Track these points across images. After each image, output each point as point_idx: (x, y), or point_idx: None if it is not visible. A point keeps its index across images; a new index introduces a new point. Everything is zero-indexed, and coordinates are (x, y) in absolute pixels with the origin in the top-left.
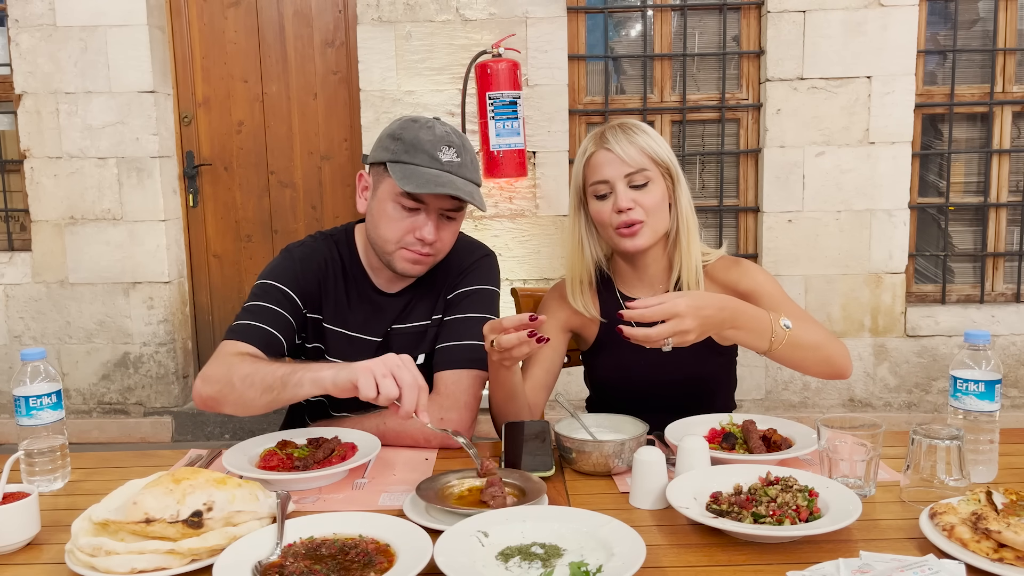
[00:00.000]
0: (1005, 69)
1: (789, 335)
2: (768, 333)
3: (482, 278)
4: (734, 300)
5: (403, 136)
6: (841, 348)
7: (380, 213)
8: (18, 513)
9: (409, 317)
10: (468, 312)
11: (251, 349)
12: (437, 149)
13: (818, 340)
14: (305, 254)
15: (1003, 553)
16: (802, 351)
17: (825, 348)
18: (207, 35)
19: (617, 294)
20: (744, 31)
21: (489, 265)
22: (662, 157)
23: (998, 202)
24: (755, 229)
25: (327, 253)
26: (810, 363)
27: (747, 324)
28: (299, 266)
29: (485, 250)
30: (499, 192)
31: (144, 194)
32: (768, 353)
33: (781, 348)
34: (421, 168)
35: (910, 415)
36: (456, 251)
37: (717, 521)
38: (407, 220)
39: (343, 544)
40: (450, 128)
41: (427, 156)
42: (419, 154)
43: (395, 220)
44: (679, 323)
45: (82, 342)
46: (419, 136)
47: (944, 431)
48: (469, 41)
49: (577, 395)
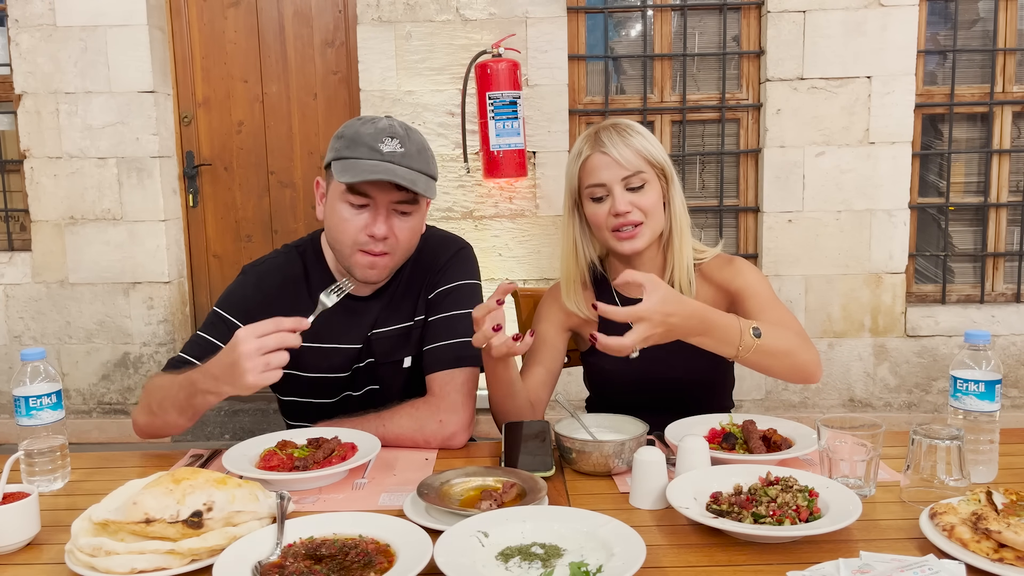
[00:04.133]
0: (1005, 69)
1: (757, 344)
2: (736, 342)
3: (460, 273)
4: (704, 309)
5: (345, 133)
6: (811, 355)
7: (332, 215)
8: (18, 513)
9: (389, 320)
10: (452, 310)
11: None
12: (378, 141)
13: (788, 347)
14: (260, 277)
15: (1003, 553)
16: (769, 358)
17: (794, 355)
18: (207, 35)
19: (613, 292)
20: (744, 31)
21: (466, 258)
22: (657, 158)
23: (998, 202)
24: (755, 229)
25: (288, 268)
26: (776, 369)
27: (715, 333)
28: (251, 292)
29: (460, 243)
30: (499, 192)
31: (144, 194)
32: (735, 358)
33: (748, 355)
34: (361, 160)
35: (910, 415)
36: (430, 248)
37: (717, 521)
38: (357, 218)
39: (343, 544)
40: (397, 123)
41: (367, 148)
42: (359, 147)
43: (345, 220)
44: (645, 328)
45: (82, 342)
46: (359, 131)
47: (944, 431)
48: (469, 41)
49: (577, 395)
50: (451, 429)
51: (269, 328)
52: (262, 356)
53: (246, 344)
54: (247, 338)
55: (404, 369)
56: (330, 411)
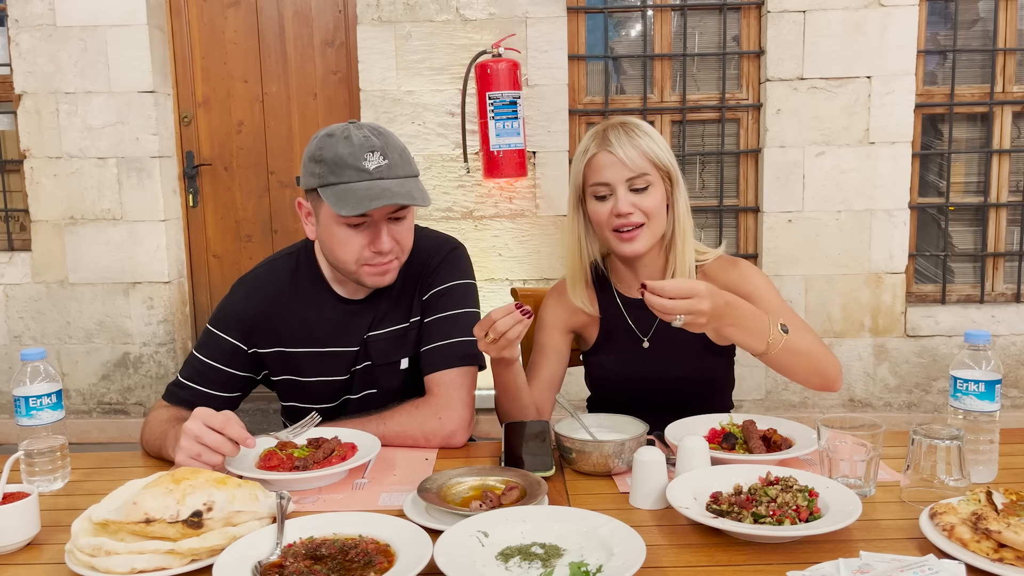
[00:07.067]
0: (1005, 69)
1: (786, 339)
2: (766, 335)
3: (454, 273)
4: (740, 300)
5: (324, 157)
6: (833, 360)
7: (330, 239)
8: (18, 513)
9: (384, 322)
10: (447, 310)
11: (176, 412)
12: (361, 159)
13: (813, 349)
14: (248, 291)
15: (1003, 553)
16: (795, 357)
17: (818, 358)
18: (207, 35)
19: (614, 292)
20: (744, 31)
21: (458, 258)
22: (663, 161)
23: (998, 202)
24: (755, 229)
25: (279, 277)
26: (801, 370)
27: (748, 324)
28: (241, 307)
29: (452, 243)
30: (499, 192)
31: (144, 194)
32: (763, 356)
33: (776, 352)
34: (351, 185)
35: (910, 415)
36: (422, 249)
37: (717, 521)
38: (357, 238)
39: (343, 544)
40: (368, 129)
41: (353, 171)
42: (345, 171)
43: (346, 242)
44: (697, 303)
45: (82, 342)
46: (338, 152)
47: (944, 431)
48: (469, 41)
49: (577, 395)
50: (451, 427)
51: (218, 423)
52: (199, 443)
53: (192, 424)
54: (196, 419)
55: (402, 371)
56: (329, 415)
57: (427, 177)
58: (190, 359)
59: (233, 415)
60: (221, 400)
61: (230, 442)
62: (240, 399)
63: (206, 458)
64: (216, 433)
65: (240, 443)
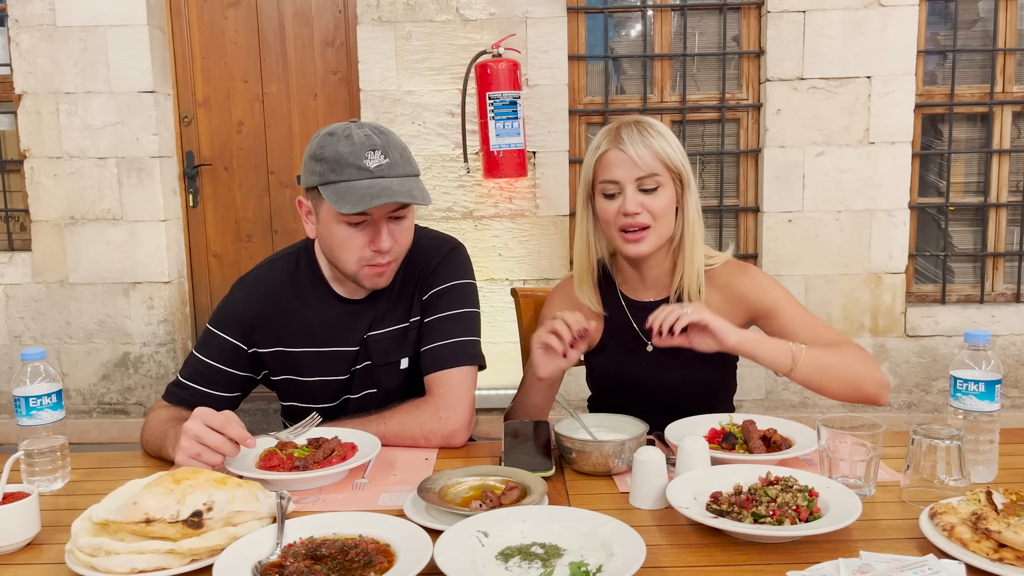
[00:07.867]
0: (1005, 69)
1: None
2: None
3: (453, 273)
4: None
5: (325, 155)
6: (871, 373)
7: (330, 237)
8: (18, 513)
9: (384, 322)
10: (447, 310)
11: (176, 412)
12: (362, 158)
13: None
14: (250, 289)
15: (1003, 553)
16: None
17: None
18: (207, 35)
19: (619, 293)
20: (744, 31)
21: (458, 258)
22: (675, 162)
23: (998, 202)
24: (755, 229)
25: (279, 276)
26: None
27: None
28: (242, 307)
29: (452, 243)
30: (499, 192)
31: (144, 194)
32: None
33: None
34: (352, 183)
35: (910, 415)
36: (422, 249)
37: (717, 521)
38: (358, 237)
39: (343, 544)
40: (369, 128)
41: (354, 169)
42: (345, 169)
43: (346, 240)
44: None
45: (82, 342)
46: (340, 150)
47: (944, 431)
48: (469, 41)
49: (577, 395)
50: (451, 427)
51: (218, 423)
52: (199, 443)
53: (193, 424)
54: (196, 419)
55: (402, 371)
56: (329, 415)
57: (427, 177)
58: (190, 359)
59: (233, 415)
60: (221, 400)
61: (230, 442)
62: (240, 399)
63: (206, 458)
64: (216, 433)
65: (240, 443)
